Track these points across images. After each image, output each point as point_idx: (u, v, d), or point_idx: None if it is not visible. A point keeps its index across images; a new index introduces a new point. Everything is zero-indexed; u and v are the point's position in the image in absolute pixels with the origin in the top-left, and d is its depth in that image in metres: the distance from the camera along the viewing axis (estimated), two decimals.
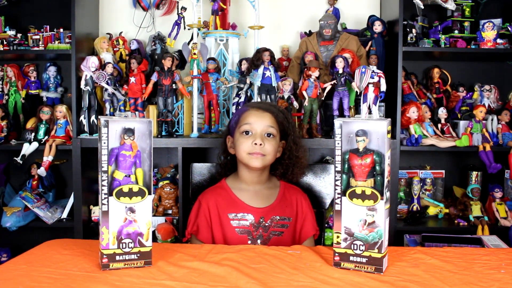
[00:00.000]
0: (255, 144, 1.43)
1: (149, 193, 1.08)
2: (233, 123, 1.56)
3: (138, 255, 1.08)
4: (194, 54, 2.09)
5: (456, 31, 2.36)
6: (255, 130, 1.45)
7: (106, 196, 1.05)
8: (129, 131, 1.05)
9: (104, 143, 1.04)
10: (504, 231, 2.16)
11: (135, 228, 1.08)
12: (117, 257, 1.07)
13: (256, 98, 2.09)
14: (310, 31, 2.49)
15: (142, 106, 2.14)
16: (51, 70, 2.50)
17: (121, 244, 1.07)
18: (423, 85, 2.48)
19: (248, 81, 2.08)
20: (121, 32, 2.45)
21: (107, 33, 2.42)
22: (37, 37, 2.31)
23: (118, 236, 1.07)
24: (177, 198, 2.23)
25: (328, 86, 2.09)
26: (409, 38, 2.20)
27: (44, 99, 2.47)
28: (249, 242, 1.44)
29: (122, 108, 2.20)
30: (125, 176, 1.06)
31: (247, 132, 1.46)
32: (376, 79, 2.01)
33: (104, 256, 1.06)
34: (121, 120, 1.06)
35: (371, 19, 2.34)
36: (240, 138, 1.47)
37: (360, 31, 2.41)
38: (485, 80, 2.46)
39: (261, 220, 1.46)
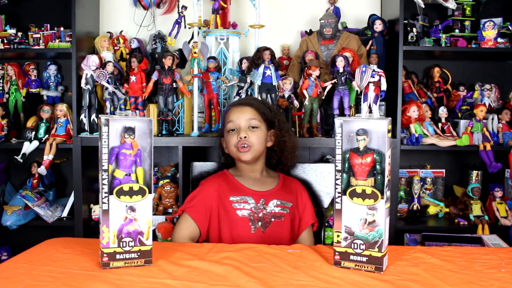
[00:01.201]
0: (240, 138, 1.52)
1: (150, 192, 1.09)
2: (221, 124, 1.67)
3: (139, 253, 1.08)
4: (195, 53, 2.09)
5: (456, 30, 2.36)
6: (239, 126, 1.55)
7: (107, 194, 1.05)
8: (130, 130, 1.06)
9: (105, 142, 1.04)
10: (504, 231, 2.16)
11: (136, 227, 1.08)
12: (118, 256, 1.07)
13: (257, 97, 2.09)
14: (310, 30, 2.49)
15: (143, 105, 2.14)
16: (52, 69, 2.50)
17: (121, 243, 1.07)
18: (423, 84, 2.48)
19: (248, 80, 2.07)
20: (121, 31, 2.45)
21: (108, 32, 2.42)
22: (38, 35, 2.31)
23: (119, 235, 1.07)
24: (177, 197, 2.23)
25: (328, 85, 2.09)
26: (409, 37, 2.20)
27: (45, 97, 2.47)
28: (250, 223, 1.49)
29: (122, 107, 2.20)
30: (126, 175, 1.06)
31: (232, 130, 1.56)
32: (376, 78, 2.01)
33: (105, 255, 1.06)
34: (121, 119, 1.06)
35: (372, 18, 2.34)
36: (228, 136, 1.57)
37: (360, 30, 2.41)
38: (486, 79, 2.46)
39: (262, 202, 1.52)
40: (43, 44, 2.30)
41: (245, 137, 1.52)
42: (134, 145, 1.07)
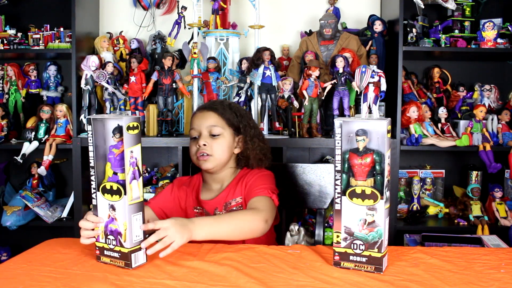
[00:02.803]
0: (199, 146, 1.43)
1: (125, 194, 1.05)
2: None
3: (119, 254, 1.07)
4: (195, 53, 2.10)
5: (456, 31, 2.36)
6: (199, 132, 1.46)
7: (95, 191, 1.09)
8: (116, 130, 1.04)
9: (90, 140, 1.07)
10: (504, 231, 2.17)
11: (116, 226, 1.07)
12: (105, 252, 1.09)
13: (256, 98, 2.10)
14: (310, 30, 2.49)
15: (142, 105, 2.14)
16: (52, 69, 2.50)
17: (107, 240, 1.09)
18: (423, 85, 2.48)
19: (248, 81, 2.08)
20: (121, 31, 2.45)
21: (108, 32, 2.42)
22: (38, 36, 2.31)
23: (105, 231, 1.09)
24: None
25: (328, 85, 2.09)
26: (409, 37, 2.20)
27: (45, 98, 2.47)
28: None
29: (122, 107, 2.20)
30: (114, 173, 1.06)
31: (194, 137, 1.47)
32: (376, 78, 2.01)
33: (96, 248, 1.10)
34: (106, 117, 1.05)
35: (372, 19, 2.34)
36: (190, 144, 1.49)
37: (360, 31, 2.41)
38: (485, 80, 2.46)
39: (215, 211, 1.46)
40: (43, 44, 2.30)
41: (204, 145, 1.42)
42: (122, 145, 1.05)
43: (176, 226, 1.11)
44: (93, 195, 1.10)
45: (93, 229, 1.10)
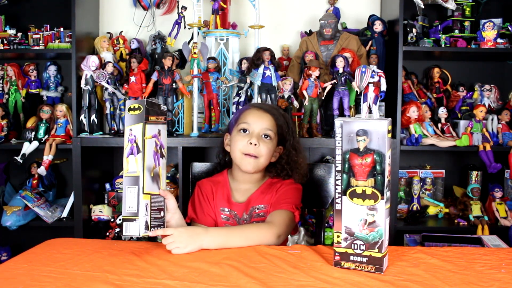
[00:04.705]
0: (250, 143, 1.40)
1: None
2: (233, 121, 1.52)
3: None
4: (195, 53, 2.10)
5: (456, 31, 2.37)
6: (253, 130, 1.42)
7: None
8: None
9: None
10: (504, 231, 2.17)
11: None
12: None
13: (256, 98, 2.10)
14: (310, 30, 2.49)
15: None
16: (52, 69, 2.50)
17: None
18: (423, 85, 2.48)
19: (248, 81, 2.08)
20: (121, 31, 2.45)
21: (108, 32, 2.42)
22: (38, 36, 2.31)
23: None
24: (177, 198, 2.23)
25: (328, 85, 2.09)
26: (409, 37, 2.20)
27: (44, 98, 2.47)
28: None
29: (122, 107, 2.20)
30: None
31: (244, 130, 1.43)
32: (376, 78, 2.01)
33: None
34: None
35: (372, 19, 2.34)
36: (237, 136, 1.44)
37: (360, 31, 2.41)
38: (485, 80, 2.46)
39: (244, 214, 1.46)
40: (43, 44, 2.30)
41: (255, 144, 1.39)
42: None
43: (182, 236, 1.18)
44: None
45: None
